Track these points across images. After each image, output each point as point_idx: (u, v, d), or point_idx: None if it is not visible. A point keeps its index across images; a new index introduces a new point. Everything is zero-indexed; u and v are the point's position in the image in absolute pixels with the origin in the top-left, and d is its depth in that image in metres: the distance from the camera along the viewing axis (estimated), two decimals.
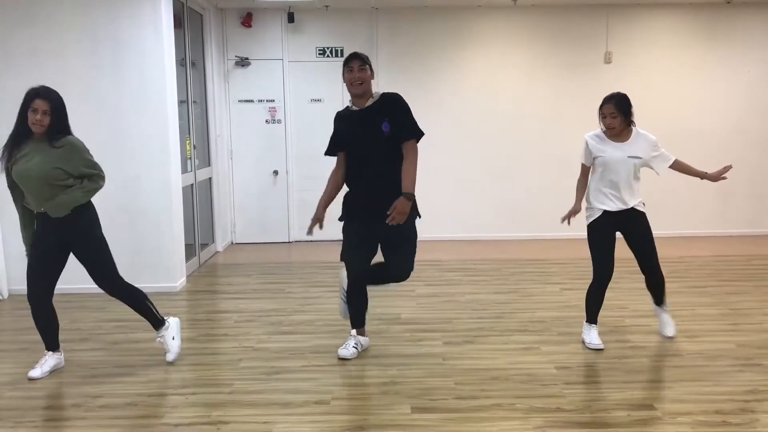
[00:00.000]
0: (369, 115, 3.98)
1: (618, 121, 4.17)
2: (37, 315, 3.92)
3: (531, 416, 3.30)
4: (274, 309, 5.25)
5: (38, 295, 3.88)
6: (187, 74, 6.68)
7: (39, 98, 3.70)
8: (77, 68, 5.56)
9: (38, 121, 3.68)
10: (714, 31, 7.82)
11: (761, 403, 3.40)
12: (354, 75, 3.93)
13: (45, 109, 3.69)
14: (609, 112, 4.18)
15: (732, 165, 4.26)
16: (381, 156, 3.96)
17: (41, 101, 3.69)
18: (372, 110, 3.99)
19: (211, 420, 3.31)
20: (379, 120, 3.94)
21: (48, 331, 3.97)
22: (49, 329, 3.97)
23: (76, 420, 3.35)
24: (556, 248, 7.43)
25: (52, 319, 3.96)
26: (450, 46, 7.82)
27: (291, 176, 8.00)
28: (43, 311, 3.91)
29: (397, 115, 3.98)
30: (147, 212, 5.68)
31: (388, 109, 3.98)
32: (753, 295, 5.34)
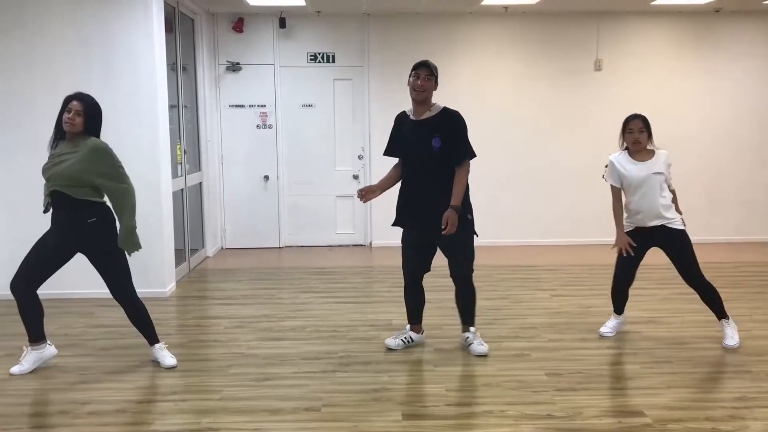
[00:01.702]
0: (423, 127, 4.13)
1: (645, 137, 4.28)
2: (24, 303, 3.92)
3: (522, 423, 3.30)
4: (264, 315, 5.23)
5: (27, 288, 3.90)
6: (178, 79, 6.66)
7: (75, 100, 3.90)
8: (68, 72, 5.53)
9: (70, 120, 3.85)
10: (703, 39, 7.88)
11: (751, 410, 3.41)
12: (418, 82, 4.07)
13: (78, 109, 3.85)
14: (638, 127, 4.27)
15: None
16: (431, 169, 4.12)
17: (77, 102, 3.88)
18: (427, 123, 4.12)
19: (201, 427, 3.29)
20: (431, 134, 4.09)
21: (36, 320, 3.98)
22: (36, 318, 3.98)
23: (63, 427, 3.32)
24: (546, 254, 7.45)
25: (39, 306, 3.98)
26: (441, 53, 7.83)
27: (282, 181, 7.99)
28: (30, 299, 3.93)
29: (453, 134, 4.12)
30: (137, 217, 5.62)
31: (444, 125, 4.11)
32: (741, 302, 5.37)
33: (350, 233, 8.12)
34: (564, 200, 8.00)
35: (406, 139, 4.19)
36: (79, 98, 3.90)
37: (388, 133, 7.88)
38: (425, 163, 4.12)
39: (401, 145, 4.23)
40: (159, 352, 4.13)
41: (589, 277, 6.37)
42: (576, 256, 7.35)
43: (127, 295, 4.06)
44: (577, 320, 4.99)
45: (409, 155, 4.19)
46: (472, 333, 4.31)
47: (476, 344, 4.26)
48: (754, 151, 8.04)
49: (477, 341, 4.28)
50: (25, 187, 5.61)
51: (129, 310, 4.10)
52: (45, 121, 5.53)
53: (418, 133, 4.11)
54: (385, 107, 7.85)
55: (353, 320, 5.05)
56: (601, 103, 7.92)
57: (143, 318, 4.13)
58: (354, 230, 8.12)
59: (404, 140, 4.20)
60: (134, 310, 4.10)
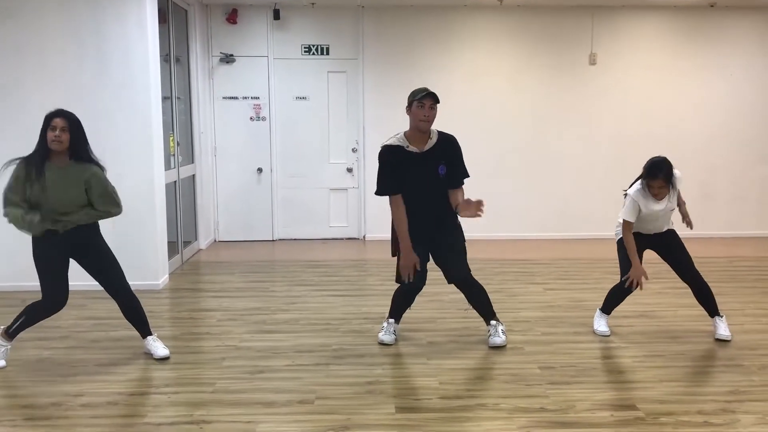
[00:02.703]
0: (428, 158, 4.11)
1: (666, 191, 4.25)
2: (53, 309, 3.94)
3: (515, 416, 3.30)
4: (258, 308, 5.21)
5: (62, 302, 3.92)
6: (171, 70, 6.62)
7: (57, 117, 3.77)
8: (60, 63, 5.49)
9: (57, 138, 3.74)
10: (698, 34, 7.89)
11: (742, 404, 3.42)
12: (425, 112, 4.02)
13: (63, 125, 3.75)
14: (659, 185, 4.19)
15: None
16: (437, 194, 4.16)
17: (59, 119, 3.77)
18: (431, 153, 4.11)
19: (194, 419, 3.28)
20: (437, 163, 4.11)
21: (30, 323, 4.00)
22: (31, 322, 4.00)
23: (56, 419, 3.31)
24: (539, 248, 7.46)
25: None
26: (436, 45, 7.82)
27: (275, 174, 7.96)
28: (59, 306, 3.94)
29: (454, 159, 4.17)
30: (130, 209, 5.50)
31: (445, 151, 4.13)
32: (734, 297, 5.39)
33: (344, 226, 8.11)
34: (558, 195, 8.00)
35: (411, 173, 4.08)
36: (61, 115, 3.77)
37: (383, 126, 7.87)
38: (433, 190, 4.14)
39: (405, 180, 4.10)
40: (152, 343, 4.12)
41: (582, 272, 6.38)
42: (569, 250, 7.36)
43: (127, 289, 4.05)
44: (570, 314, 5.00)
45: (417, 187, 4.12)
46: (492, 325, 4.33)
47: (492, 336, 4.29)
48: (747, 146, 8.06)
49: (494, 332, 4.30)
50: None
51: (128, 304, 4.07)
52: (37, 113, 5.47)
53: (425, 165, 4.09)
54: (379, 100, 7.86)
55: (347, 313, 5.05)
56: (595, 97, 7.92)
57: (139, 311, 4.11)
58: (347, 223, 8.11)
59: (409, 175, 4.08)
60: (133, 303, 4.08)
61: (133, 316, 4.12)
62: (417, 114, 4.03)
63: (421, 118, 4.02)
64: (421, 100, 4.02)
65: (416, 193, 4.11)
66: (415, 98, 4.04)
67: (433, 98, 4.04)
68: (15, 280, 5.54)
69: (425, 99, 4.01)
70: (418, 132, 4.08)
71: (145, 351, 4.15)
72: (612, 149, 7.96)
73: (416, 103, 4.03)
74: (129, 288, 4.07)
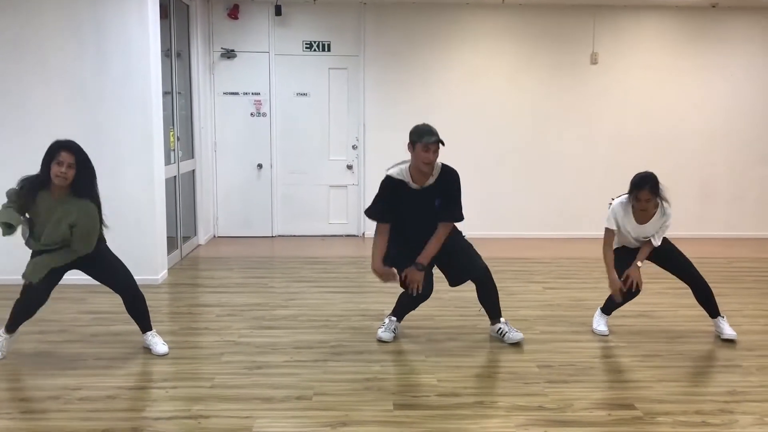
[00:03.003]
0: (427, 194, 4.11)
1: (653, 204, 4.23)
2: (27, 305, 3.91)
3: (513, 414, 3.31)
4: (257, 303, 5.21)
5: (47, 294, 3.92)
6: (172, 65, 6.61)
7: (65, 150, 3.66)
8: (60, 58, 5.48)
9: (62, 174, 3.64)
10: (699, 34, 7.88)
11: (740, 404, 3.43)
12: (429, 155, 3.99)
13: (71, 162, 3.64)
14: (645, 198, 4.17)
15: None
16: (430, 223, 4.18)
17: (67, 154, 3.65)
18: (430, 189, 4.11)
19: (192, 414, 3.28)
20: (434, 198, 4.12)
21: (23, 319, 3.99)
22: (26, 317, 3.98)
23: (54, 412, 3.31)
24: (539, 247, 7.46)
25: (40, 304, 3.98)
26: (438, 43, 7.81)
27: (275, 170, 7.96)
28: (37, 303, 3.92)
29: (450, 193, 4.16)
30: (129, 204, 5.60)
31: (443, 186, 4.12)
32: (733, 297, 5.40)
33: (343, 223, 8.11)
34: (558, 194, 8.00)
35: (406, 206, 4.11)
36: (70, 149, 3.67)
37: (382, 123, 7.87)
38: (429, 220, 4.16)
39: (399, 212, 4.14)
40: (151, 338, 4.12)
41: (582, 271, 6.38)
42: (569, 249, 7.36)
43: (134, 287, 4.05)
44: (569, 313, 5.00)
45: (414, 220, 4.15)
46: (503, 323, 4.35)
47: (511, 332, 4.30)
48: (747, 147, 8.06)
49: (508, 329, 4.32)
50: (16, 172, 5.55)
51: (132, 300, 4.07)
52: (36, 107, 5.52)
53: (421, 200, 4.10)
54: (380, 97, 7.85)
55: (345, 310, 5.05)
56: (596, 97, 7.92)
57: (142, 307, 4.11)
58: (347, 220, 8.10)
59: (404, 208, 4.12)
60: (138, 299, 4.08)
61: (136, 311, 4.11)
62: (421, 156, 3.98)
63: (426, 161, 3.99)
64: (426, 142, 3.96)
65: (412, 223, 4.16)
66: (420, 140, 3.97)
67: (437, 139, 3.99)
68: (15, 273, 5.52)
69: (430, 142, 3.96)
70: (421, 171, 4.07)
71: (144, 346, 4.15)
72: (612, 149, 7.96)
73: (421, 146, 3.97)
74: (135, 285, 4.06)
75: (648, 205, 4.20)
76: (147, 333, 4.13)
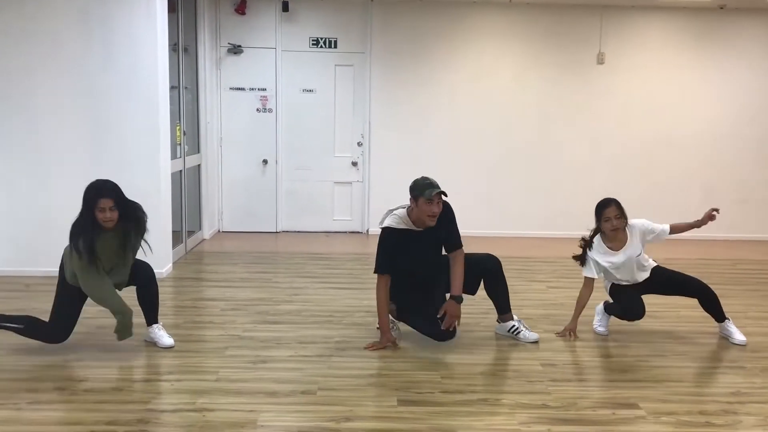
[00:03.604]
0: (431, 233, 4.12)
1: (622, 222, 4.26)
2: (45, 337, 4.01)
3: (516, 412, 3.31)
4: (261, 298, 5.22)
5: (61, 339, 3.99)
6: (179, 60, 6.62)
7: (103, 197, 3.77)
8: (68, 51, 5.50)
9: (109, 219, 3.78)
10: (707, 36, 7.87)
11: (744, 405, 3.43)
12: (434, 208, 4.00)
13: (111, 205, 3.78)
14: (614, 214, 4.24)
15: (719, 209, 4.36)
16: (437, 260, 4.23)
17: (106, 200, 3.77)
18: (427, 232, 4.12)
19: (197, 407, 3.29)
20: (438, 234, 4.15)
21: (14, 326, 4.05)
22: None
23: (59, 403, 3.33)
24: (543, 246, 7.47)
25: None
26: (444, 41, 7.82)
27: (280, 166, 7.97)
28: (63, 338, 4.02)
29: (448, 224, 4.15)
30: (135, 197, 5.54)
31: (443, 220, 4.10)
32: (738, 299, 5.39)
33: (348, 220, 8.12)
34: (562, 193, 8.00)
35: (413, 248, 4.13)
36: (106, 195, 3.78)
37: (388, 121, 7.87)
38: (434, 257, 4.21)
39: (406, 259, 4.14)
40: (157, 331, 4.13)
41: None
42: (574, 248, 7.32)
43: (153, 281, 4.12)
44: (572, 312, 4.98)
45: (418, 258, 4.17)
46: (517, 321, 4.37)
47: (526, 332, 4.32)
48: (754, 149, 8.05)
49: (525, 328, 4.34)
50: (23, 165, 5.60)
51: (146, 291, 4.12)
52: (43, 101, 5.54)
53: (425, 241, 4.14)
54: (385, 94, 7.86)
55: (349, 306, 5.06)
56: (602, 97, 7.92)
57: (155, 298, 4.14)
58: (351, 217, 8.12)
59: (411, 249, 4.13)
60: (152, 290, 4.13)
61: (147, 302, 4.13)
62: (425, 210, 3.99)
63: (430, 214, 4.00)
64: (431, 197, 3.96)
65: (418, 263, 4.18)
66: (422, 194, 3.96)
67: (442, 195, 4.00)
68: (19, 265, 5.57)
69: (435, 195, 3.96)
70: (424, 223, 4.07)
71: (146, 339, 4.16)
72: (617, 148, 7.96)
73: (424, 200, 3.97)
74: (154, 279, 4.13)
75: (619, 222, 4.22)
76: (153, 326, 4.15)
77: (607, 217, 4.24)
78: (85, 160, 5.54)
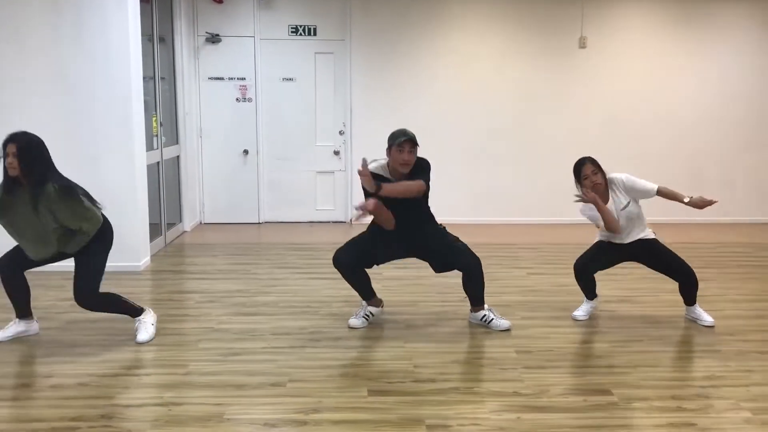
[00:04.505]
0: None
1: (600, 177, 4.24)
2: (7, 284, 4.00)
3: (487, 400, 3.28)
4: (238, 290, 5.17)
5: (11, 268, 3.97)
6: (155, 49, 6.53)
7: (9, 142, 3.69)
8: (36, 40, 5.40)
9: (9, 164, 3.69)
10: (690, 19, 7.81)
11: (717, 389, 3.40)
12: (405, 156, 3.99)
13: (14, 151, 3.67)
14: (590, 170, 4.23)
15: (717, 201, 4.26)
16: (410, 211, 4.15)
17: (11, 144, 3.69)
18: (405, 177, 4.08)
19: (163, 401, 3.25)
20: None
21: (17, 299, 4.04)
22: (18, 297, 4.04)
23: (23, 400, 3.28)
24: (525, 233, 7.43)
25: (24, 288, 4.04)
26: (425, 27, 7.73)
27: (261, 156, 7.89)
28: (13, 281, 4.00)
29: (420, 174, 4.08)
30: (109, 189, 5.47)
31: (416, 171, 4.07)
32: (717, 282, 5.38)
33: (330, 209, 8.06)
34: (546, 178, 7.94)
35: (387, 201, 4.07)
36: (13, 139, 3.69)
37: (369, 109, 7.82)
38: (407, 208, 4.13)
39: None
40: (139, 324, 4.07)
41: (568, 256, 6.22)
42: (556, 235, 7.33)
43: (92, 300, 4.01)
44: (551, 298, 4.97)
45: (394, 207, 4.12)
46: (487, 310, 4.32)
47: (497, 320, 4.27)
48: (737, 133, 8.02)
49: (497, 317, 4.29)
50: None
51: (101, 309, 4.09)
52: (12, 89, 5.44)
53: None
54: (367, 81, 7.78)
55: (327, 296, 5.01)
56: (584, 81, 7.86)
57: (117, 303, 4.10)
58: (334, 207, 8.06)
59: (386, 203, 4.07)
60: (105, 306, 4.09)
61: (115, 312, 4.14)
62: (396, 158, 4.01)
63: (401, 162, 4.01)
64: (399, 145, 3.97)
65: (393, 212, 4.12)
66: (394, 142, 3.99)
67: (412, 141, 3.99)
68: None
69: (404, 143, 3.97)
70: (399, 172, 4.07)
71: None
72: (601, 133, 7.90)
73: (395, 148, 3.99)
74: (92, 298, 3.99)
75: (596, 178, 4.20)
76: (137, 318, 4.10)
77: (585, 175, 4.24)
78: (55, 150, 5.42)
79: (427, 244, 4.26)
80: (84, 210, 3.80)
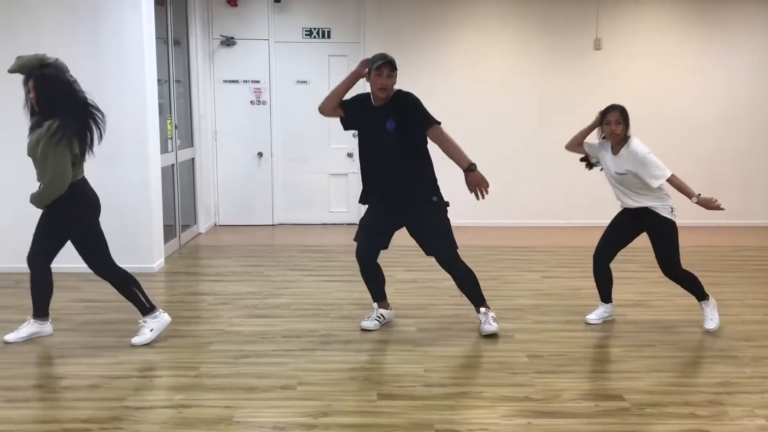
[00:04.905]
0: (379, 113, 4.06)
1: (621, 128, 4.24)
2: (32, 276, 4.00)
3: (498, 405, 3.26)
4: (250, 292, 5.19)
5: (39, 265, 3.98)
6: (170, 52, 6.57)
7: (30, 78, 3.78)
8: (53, 43, 5.40)
9: (28, 91, 3.79)
10: (704, 21, 7.74)
11: (731, 396, 3.36)
12: (383, 80, 3.98)
13: (30, 86, 3.77)
14: (615, 119, 4.23)
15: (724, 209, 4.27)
16: (389, 153, 4.06)
17: (30, 80, 3.78)
18: (382, 109, 4.06)
19: (173, 404, 3.26)
20: (385, 118, 4.03)
21: (39, 297, 4.05)
22: (40, 295, 4.04)
23: (35, 401, 3.30)
24: (539, 236, 7.39)
25: (49, 286, 4.05)
26: (439, 29, 7.72)
27: (276, 158, 7.92)
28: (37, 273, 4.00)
29: (407, 111, 4.05)
30: (124, 192, 5.58)
31: (396, 108, 4.04)
32: (734, 287, 5.31)
33: (344, 212, 8.06)
34: (560, 181, 7.89)
35: (364, 124, 4.17)
36: (31, 75, 3.78)
37: None
38: (383, 147, 4.07)
39: (360, 128, 4.23)
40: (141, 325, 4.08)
41: (582, 260, 6.26)
42: (570, 238, 7.28)
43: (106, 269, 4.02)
44: (564, 302, 4.94)
45: (367, 139, 4.17)
46: (482, 313, 4.25)
47: (483, 323, 4.21)
48: (753, 135, 7.93)
49: (484, 320, 4.22)
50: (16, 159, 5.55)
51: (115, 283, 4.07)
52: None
53: (375, 119, 4.06)
54: None
55: (339, 299, 5.01)
56: (599, 83, 7.80)
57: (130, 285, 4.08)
58: (348, 209, 8.05)
59: (363, 124, 4.17)
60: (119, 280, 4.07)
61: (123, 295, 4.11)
62: (375, 82, 4.00)
63: (379, 86, 3.99)
64: (379, 68, 3.95)
65: (369, 147, 4.13)
66: (372, 66, 3.99)
67: (391, 65, 3.97)
68: (10, 261, 5.54)
69: (383, 67, 3.95)
70: (378, 98, 4.06)
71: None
72: None
73: (374, 72, 3.98)
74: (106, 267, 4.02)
75: (618, 128, 4.21)
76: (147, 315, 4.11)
77: (608, 121, 4.24)
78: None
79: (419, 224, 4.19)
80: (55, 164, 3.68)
